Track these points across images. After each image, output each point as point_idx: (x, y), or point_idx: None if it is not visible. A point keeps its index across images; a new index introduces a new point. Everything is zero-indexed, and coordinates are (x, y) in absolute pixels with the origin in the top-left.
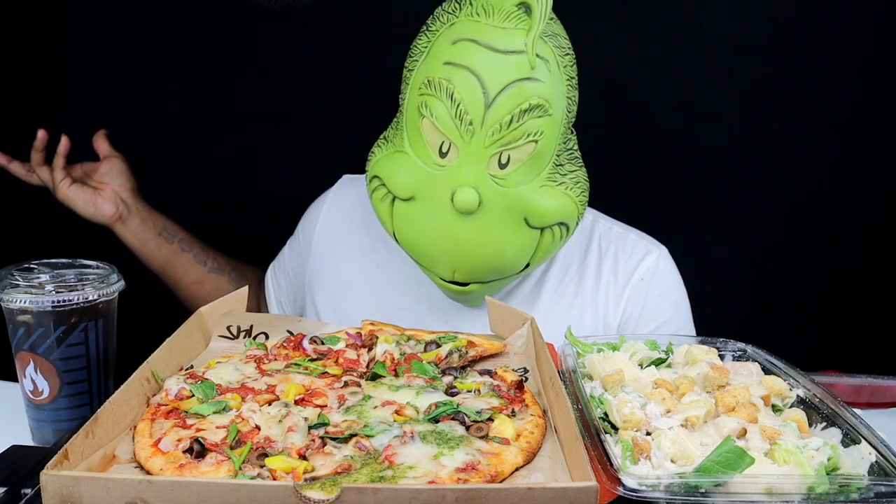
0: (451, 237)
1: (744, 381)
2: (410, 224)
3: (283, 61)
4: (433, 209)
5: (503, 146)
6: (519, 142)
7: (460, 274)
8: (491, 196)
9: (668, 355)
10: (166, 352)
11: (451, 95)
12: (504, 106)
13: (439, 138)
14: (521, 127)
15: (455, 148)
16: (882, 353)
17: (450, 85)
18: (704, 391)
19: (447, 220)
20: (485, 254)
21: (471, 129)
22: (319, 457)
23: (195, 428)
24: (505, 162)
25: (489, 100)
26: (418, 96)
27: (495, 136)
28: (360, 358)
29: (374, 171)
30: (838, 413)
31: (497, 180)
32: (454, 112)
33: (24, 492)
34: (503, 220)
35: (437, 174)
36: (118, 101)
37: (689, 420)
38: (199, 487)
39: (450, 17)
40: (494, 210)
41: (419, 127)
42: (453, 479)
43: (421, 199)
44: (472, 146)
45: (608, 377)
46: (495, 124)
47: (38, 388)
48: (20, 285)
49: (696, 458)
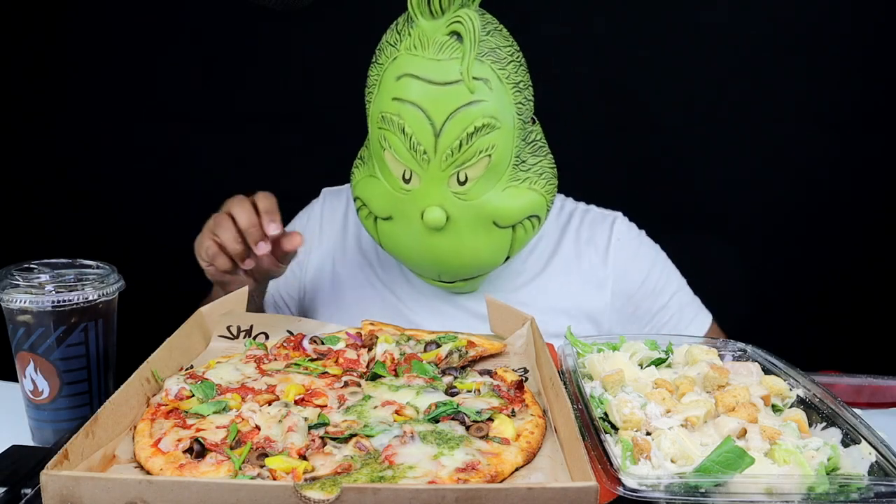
0: (429, 250)
1: (744, 381)
2: (393, 239)
3: (283, 61)
4: (409, 227)
5: (458, 167)
6: (472, 160)
7: (445, 276)
8: (456, 211)
9: (668, 355)
10: (166, 352)
11: (402, 130)
12: (451, 133)
13: (401, 167)
14: (471, 147)
15: (416, 175)
16: (882, 353)
17: (400, 120)
18: (704, 391)
19: (422, 236)
20: (462, 260)
21: (426, 157)
22: (319, 457)
23: (195, 428)
24: (463, 180)
25: (437, 129)
26: (378, 129)
27: (449, 161)
28: (359, 358)
29: (355, 192)
30: (838, 413)
31: (459, 196)
32: (408, 144)
33: (24, 492)
34: (472, 228)
35: (405, 197)
36: (118, 101)
37: (689, 420)
38: (199, 487)
39: (392, 50)
40: (462, 221)
41: (383, 157)
42: (453, 479)
43: (398, 219)
44: (430, 172)
45: (608, 377)
46: (447, 150)
47: (38, 388)
48: (20, 285)
49: (696, 458)
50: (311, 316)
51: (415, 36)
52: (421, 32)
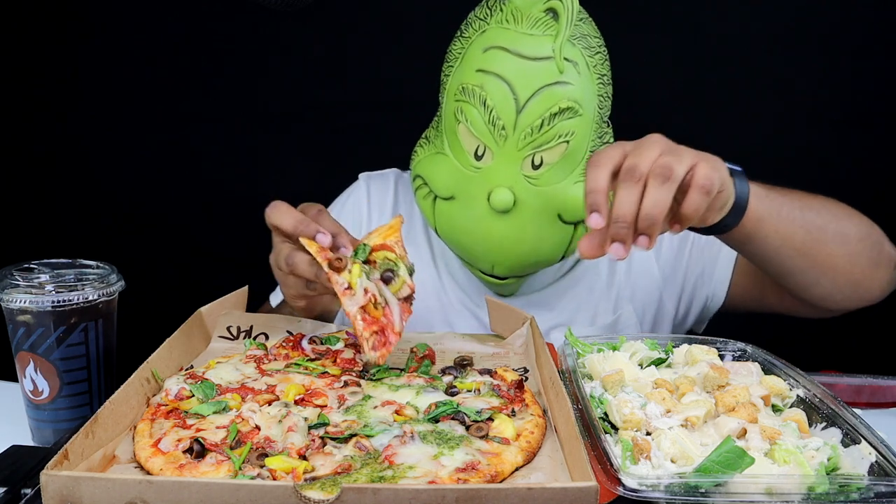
0: (489, 235)
1: (744, 381)
2: (451, 222)
3: (283, 61)
4: (471, 208)
5: (535, 148)
6: (550, 143)
7: (499, 268)
8: (525, 196)
9: (668, 355)
10: (166, 352)
11: (483, 102)
12: (534, 111)
13: (475, 142)
14: (551, 129)
15: (490, 151)
16: (882, 353)
17: (482, 92)
18: (704, 391)
19: (485, 219)
20: (521, 250)
21: (503, 133)
22: (319, 457)
23: (195, 428)
24: (538, 163)
25: (520, 105)
26: (454, 102)
27: (527, 140)
28: (355, 357)
29: (416, 170)
30: (838, 413)
31: (531, 181)
32: (487, 118)
33: (24, 492)
34: (537, 217)
35: (474, 175)
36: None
37: (689, 420)
38: (199, 487)
39: (481, 23)
40: (529, 208)
41: (456, 131)
42: (453, 479)
43: (460, 199)
44: (506, 149)
45: (608, 377)
46: (527, 128)
47: (38, 388)
48: (20, 285)
49: (696, 458)
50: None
51: (508, 10)
52: (515, 7)
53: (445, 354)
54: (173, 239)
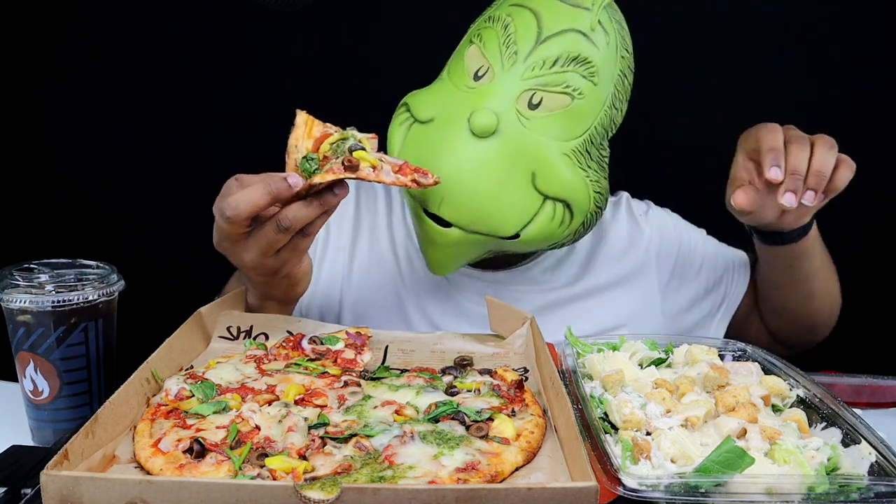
0: (454, 158)
1: (744, 381)
2: (418, 146)
3: (283, 61)
4: (447, 130)
5: (539, 85)
6: (556, 88)
7: (447, 206)
8: (509, 128)
9: (668, 355)
10: (166, 352)
11: (505, 26)
12: (554, 47)
13: (479, 62)
14: (563, 73)
15: (491, 72)
16: (882, 353)
17: (508, 17)
18: (704, 391)
19: (457, 141)
20: (479, 188)
21: (514, 57)
22: (319, 457)
23: (195, 428)
24: (536, 103)
25: (541, 37)
26: (475, 31)
27: (535, 72)
28: (357, 358)
29: (405, 99)
30: (838, 413)
31: (521, 117)
32: (503, 39)
33: (24, 492)
34: (510, 160)
35: (464, 95)
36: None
37: (689, 420)
38: (199, 487)
39: None
40: (507, 145)
41: (464, 54)
42: (453, 479)
43: (438, 120)
44: (510, 74)
45: (608, 377)
46: (539, 60)
47: (38, 388)
48: (20, 285)
49: (696, 458)
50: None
51: None
52: None
53: (445, 354)
54: (173, 239)
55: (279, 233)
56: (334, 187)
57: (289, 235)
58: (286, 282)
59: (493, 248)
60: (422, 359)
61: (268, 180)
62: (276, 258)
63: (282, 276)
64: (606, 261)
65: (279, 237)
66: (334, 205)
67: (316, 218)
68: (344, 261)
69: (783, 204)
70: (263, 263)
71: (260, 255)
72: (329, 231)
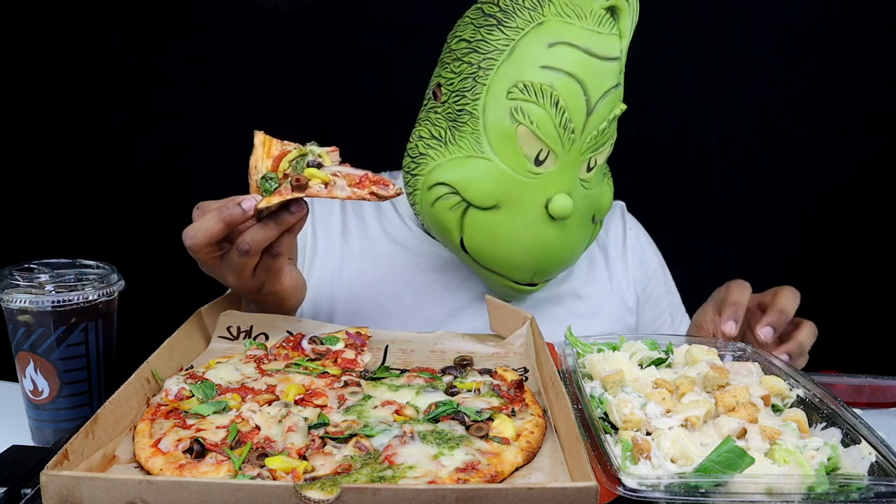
0: (539, 244)
1: (744, 380)
2: (490, 233)
3: (283, 61)
4: (521, 216)
5: (594, 152)
6: (605, 146)
7: (539, 276)
8: (579, 199)
9: (669, 355)
10: (166, 352)
11: (555, 103)
12: (602, 113)
13: (538, 146)
14: (609, 130)
15: (553, 155)
16: (882, 353)
17: (554, 91)
18: (704, 391)
19: (536, 227)
20: (564, 255)
21: (573, 137)
22: (319, 457)
23: (195, 428)
24: (592, 166)
25: (591, 107)
26: (509, 101)
27: (591, 143)
28: (357, 358)
29: (439, 177)
30: (838, 413)
31: (584, 184)
32: (559, 120)
33: (24, 492)
34: (582, 221)
35: (531, 182)
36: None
37: (689, 420)
38: (199, 487)
39: (533, 14)
40: (578, 213)
41: (512, 134)
42: (453, 479)
43: (507, 207)
44: (571, 154)
45: (608, 377)
46: (593, 131)
47: (38, 388)
48: (20, 285)
49: (695, 458)
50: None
51: (561, 3)
52: (571, 1)
53: (445, 354)
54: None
55: (241, 256)
56: (290, 206)
57: (253, 258)
58: (273, 298)
59: None
60: (422, 359)
61: (222, 207)
62: (253, 279)
63: (266, 294)
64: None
65: (243, 260)
66: (292, 223)
67: (280, 238)
68: (334, 264)
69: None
70: (244, 285)
71: (237, 277)
72: (316, 237)
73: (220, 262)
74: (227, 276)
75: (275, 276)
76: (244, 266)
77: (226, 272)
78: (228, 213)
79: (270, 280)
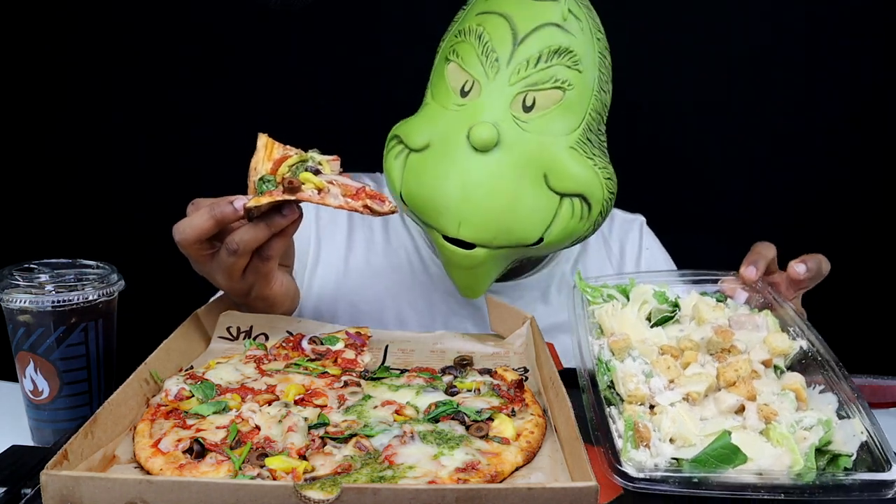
0: (463, 179)
1: (749, 337)
2: (420, 174)
3: (283, 61)
4: (447, 152)
5: (529, 86)
6: (545, 84)
7: (466, 228)
8: (511, 136)
9: (676, 311)
10: (164, 353)
11: (479, 36)
12: (533, 45)
13: (463, 78)
14: (549, 69)
15: (478, 85)
16: (882, 353)
17: (479, 28)
18: (708, 353)
19: (461, 161)
20: (496, 203)
21: (496, 65)
22: (319, 457)
23: (195, 428)
24: (530, 104)
25: (518, 38)
26: (448, 48)
27: (521, 74)
28: (357, 358)
29: (393, 132)
30: (835, 382)
31: (519, 122)
32: (481, 50)
33: (24, 492)
34: (520, 168)
35: (456, 114)
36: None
37: (690, 395)
38: (199, 487)
39: None
40: (513, 153)
41: (444, 74)
42: (453, 479)
43: (435, 145)
44: (496, 83)
45: (615, 343)
46: (522, 61)
47: (38, 388)
48: (20, 285)
49: (693, 439)
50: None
51: None
52: None
53: (445, 354)
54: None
55: (230, 256)
56: (283, 209)
57: (242, 258)
58: (262, 303)
59: (517, 256)
60: (422, 359)
61: (213, 205)
62: (242, 281)
63: (255, 298)
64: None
65: (232, 260)
66: (283, 226)
67: (270, 240)
68: (338, 273)
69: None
70: (232, 286)
71: (226, 278)
72: (320, 245)
73: (211, 261)
74: (217, 275)
75: (264, 280)
76: (233, 266)
77: (215, 272)
78: (220, 211)
79: (259, 283)
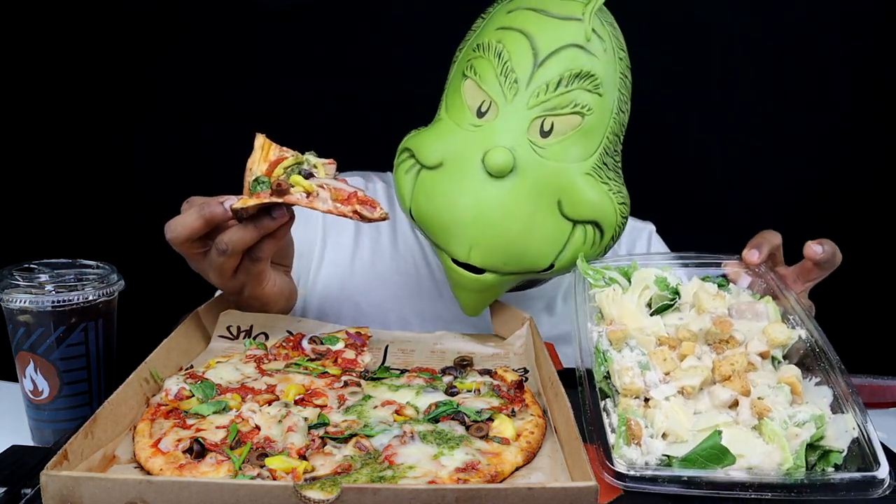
0: (476, 203)
1: (748, 326)
2: (432, 193)
3: (283, 61)
4: (461, 173)
5: (547, 111)
6: (565, 109)
7: (477, 253)
8: (526, 161)
9: (676, 298)
10: (164, 352)
11: (499, 54)
12: (554, 67)
13: (480, 97)
14: (568, 93)
15: (495, 106)
16: (882, 353)
17: (499, 45)
18: (706, 343)
19: (474, 184)
20: (509, 229)
21: (515, 86)
22: (319, 457)
23: (195, 428)
24: (548, 130)
25: (539, 60)
26: (465, 62)
27: (540, 98)
28: (358, 358)
29: (405, 144)
30: (830, 376)
31: (536, 148)
32: (500, 69)
33: (24, 492)
34: (535, 194)
35: (471, 134)
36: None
37: (684, 388)
38: (199, 487)
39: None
40: (528, 179)
41: (460, 89)
42: (453, 479)
43: (449, 164)
44: (514, 105)
45: (613, 333)
46: (542, 84)
47: (38, 388)
48: (20, 285)
49: (685, 435)
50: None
51: None
52: None
53: (445, 354)
54: None
55: (220, 256)
56: (273, 211)
57: (232, 258)
58: (255, 303)
59: (525, 279)
60: (422, 359)
61: (204, 204)
62: (234, 280)
63: (248, 297)
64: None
65: (222, 260)
66: (272, 228)
67: (260, 242)
68: (343, 275)
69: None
70: (224, 285)
71: (217, 276)
72: (325, 245)
73: (203, 259)
74: (210, 274)
75: (255, 281)
76: (223, 266)
77: (208, 270)
78: (209, 211)
79: (251, 283)
